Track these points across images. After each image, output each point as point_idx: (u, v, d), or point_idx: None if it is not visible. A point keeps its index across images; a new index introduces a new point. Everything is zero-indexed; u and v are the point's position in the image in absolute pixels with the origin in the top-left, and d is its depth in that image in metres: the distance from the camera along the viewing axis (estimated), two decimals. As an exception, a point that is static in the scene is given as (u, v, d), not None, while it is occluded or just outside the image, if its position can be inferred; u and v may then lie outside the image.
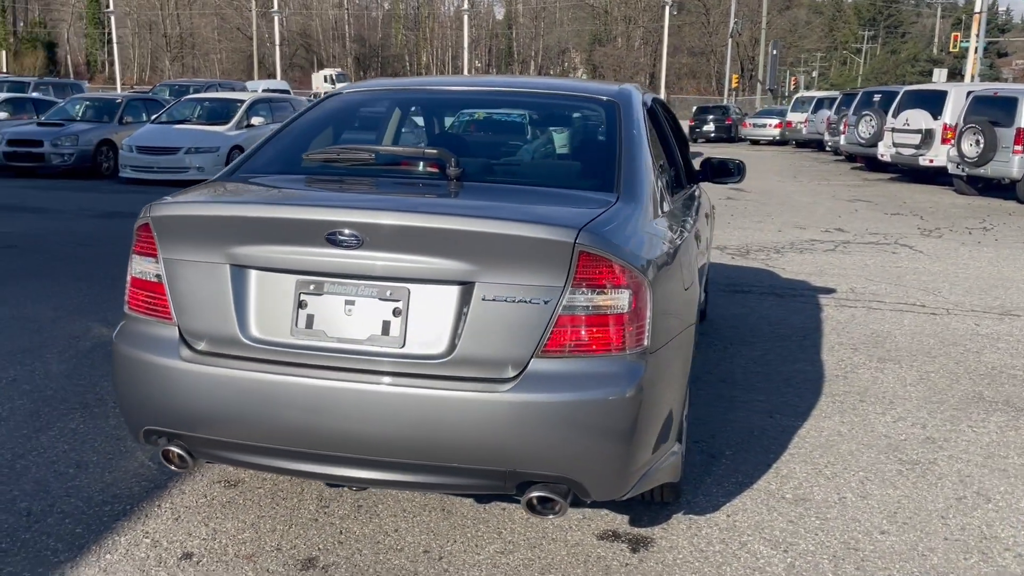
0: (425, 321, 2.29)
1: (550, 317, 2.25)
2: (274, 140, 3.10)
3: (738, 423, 3.86)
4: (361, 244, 2.28)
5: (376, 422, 2.27)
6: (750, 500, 3.13)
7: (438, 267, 2.27)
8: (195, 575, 2.55)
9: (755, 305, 6.19)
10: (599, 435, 2.26)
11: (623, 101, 3.20)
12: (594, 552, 2.75)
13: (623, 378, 2.28)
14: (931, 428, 3.88)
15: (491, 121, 3.42)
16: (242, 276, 2.39)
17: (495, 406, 2.23)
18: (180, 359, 2.41)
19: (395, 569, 2.61)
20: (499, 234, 2.22)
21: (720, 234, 9.61)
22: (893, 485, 3.28)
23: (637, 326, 2.32)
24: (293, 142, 3.08)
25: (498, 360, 2.27)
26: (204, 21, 72.20)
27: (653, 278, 2.41)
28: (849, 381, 4.51)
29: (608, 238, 2.28)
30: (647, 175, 2.86)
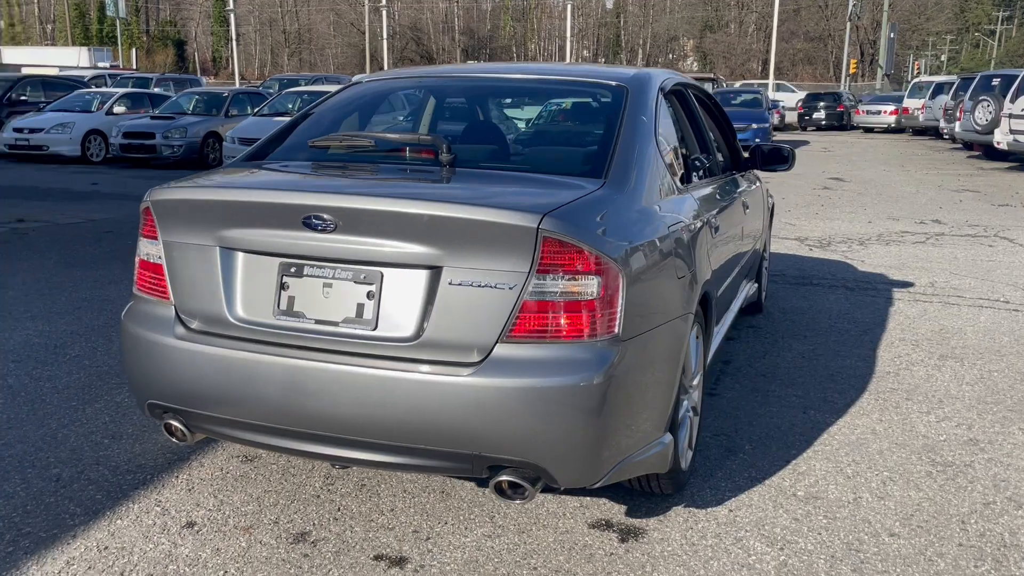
0: (396, 304, 2.34)
1: (515, 302, 2.26)
2: (289, 127, 3.21)
3: (767, 418, 3.76)
4: (336, 228, 2.34)
5: (347, 402, 2.34)
6: (758, 496, 3.05)
7: (408, 251, 2.31)
8: (193, 543, 2.68)
9: (820, 298, 5.97)
10: (563, 421, 2.25)
11: (634, 86, 3.15)
12: (581, 540, 2.74)
13: (590, 365, 2.26)
14: (977, 429, 3.67)
15: (495, 107, 3.42)
16: (230, 258, 2.50)
17: (459, 389, 2.25)
18: (174, 337, 2.54)
19: (381, 547, 2.68)
20: (464, 219, 2.24)
21: (804, 225, 9.31)
22: (917, 487, 3.13)
23: (607, 313, 2.30)
24: (306, 129, 3.18)
25: (464, 344, 2.29)
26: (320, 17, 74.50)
27: (630, 265, 2.38)
28: (900, 378, 4.31)
29: (575, 223, 2.26)
30: (645, 161, 2.81)
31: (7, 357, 4.38)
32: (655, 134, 3.00)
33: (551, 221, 2.22)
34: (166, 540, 2.70)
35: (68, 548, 2.64)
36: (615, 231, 2.40)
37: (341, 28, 72.56)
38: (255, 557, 2.61)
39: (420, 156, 2.79)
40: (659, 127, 3.10)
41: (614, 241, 2.36)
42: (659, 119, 3.13)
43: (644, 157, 2.82)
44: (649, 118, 3.01)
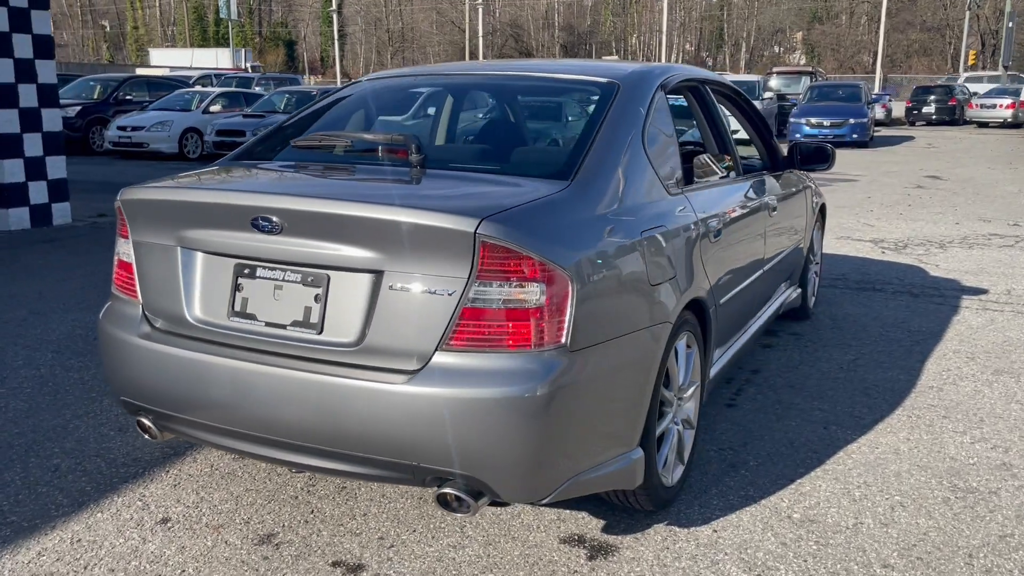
0: (341, 309, 2.30)
1: (454, 309, 2.18)
2: (280, 127, 3.21)
3: (782, 432, 3.56)
4: (282, 230, 2.31)
5: (291, 408, 2.31)
6: (749, 516, 2.88)
7: (351, 255, 2.26)
8: (162, 539, 2.72)
9: (878, 305, 5.64)
10: (503, 434, 2.17)
11: (627, 84, 3.02)
12: (548, 555, 2.64)
13: (533, 375, 2.17)
14: (1015, 453, 3.38)
15: (480, 106, 3.34)
16: (191, 259, 2.51)
17: (395, 398, 2.19)
18: (139, 336, 2.57)
19: (342, 553, 2.65)
20: (403, 222, 2.18)
21: (884, 226, 8.86)
22: (929, 514, 2.90)
23: (554, 322, 2.20)
24: (296, 128, 3.17)
25: (404, 351, 2.23)
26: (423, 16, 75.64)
27: (583, 272, 2.27)
28: (942, 394, 4.02)
29: (518, 228, 2.17)
30: (622, 162, 2.69)
31: (48, 347, 4.57)
32: (643, 133, 2.87)
33: (490, 225, 2.14)
34: (137, 535, 2.74)
35: (44, 538, 2.71)
36: (568, 236, 2.29)
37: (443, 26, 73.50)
38: (216, 557, 2.62)
39: (392, 156, 2.74)
40: (651, 126, 2.96)
41: (565, 246, 2.25)
42: (652, 118, 2.99)
43: (622, 158, 2.70)
44: (636, 117, 2.88)
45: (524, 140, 3.02)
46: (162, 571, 2.54)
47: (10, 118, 7.41)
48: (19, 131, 7.49)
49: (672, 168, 3.06)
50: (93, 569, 2.55)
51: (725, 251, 3.26)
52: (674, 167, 3.07)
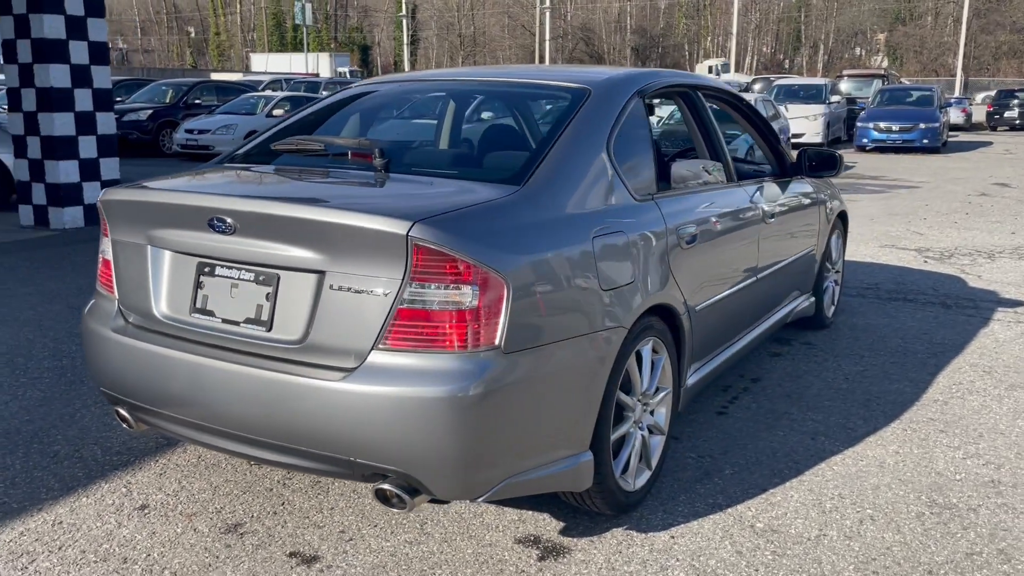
0: (289, 307, 2.39)
1: (389, 309, 2.24)
2: (268, 130, 3.33)
3: (767, 442, 3.52)
4: (235, 230, 2.41)
5: (242, 402, 2.41)
6: (710, 524, 2.87)
7: (297, 255, 2.35)
8: (138, 525, 2.85)
9: (905, 315, 5.50)
10: (434, 432, 2.22)
11: (599, 90, 3.04)
12: (500, 555, 2.68)
13: (464, 376, 2.22)
14: (1006, 471, 3.28)
15: (450, 112, 3.38)
16: (159, 257, 2.63)
17: (332, 395, 2.27)
18: (112, 330, 2.71)
19: (301, 544, 2.73)
20: (341, 224, 2.26)
21: (934, 235, 8.61)
22: (897, 529, 2.84)
23: (487, 324, 2.25)
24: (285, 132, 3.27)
25: (342, 349, 2.30)
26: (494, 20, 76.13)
27: (521, 275, 2.31)
28: (946, 408, 3.91)
29: (451, 231, 2.22)
30: (580, 168, 2.72)
31: (74, 340, 4.80)
32: (609, 139, 2.88)
33: (422, 228, 2.19)
34: (114, 520, 2.88)
35: (29, 520, 2.87)
36: (508, 239, 2.33)
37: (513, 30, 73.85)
38: (182, 543, 2.73)
39: (360, 160, 2.82)
40: (620, 132, 2.97)
41: (502, 250, 2.29)
42: (623, 124, 3.00)
43: (580, 163, 2.72)
44: (603, 122, 2.89)
45: (488, 145, 3.07)
46: (129, 554, 2.67)
47: (66, 121, 7.78)
48: (74, 134, 7.85)
49: (643, 174, 3.06)
50: (66, 550, 2.69)
51: (704, 257, 3.24)
52: (646, 173, 3.07)
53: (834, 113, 21.35)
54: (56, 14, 7.59)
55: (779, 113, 15.03)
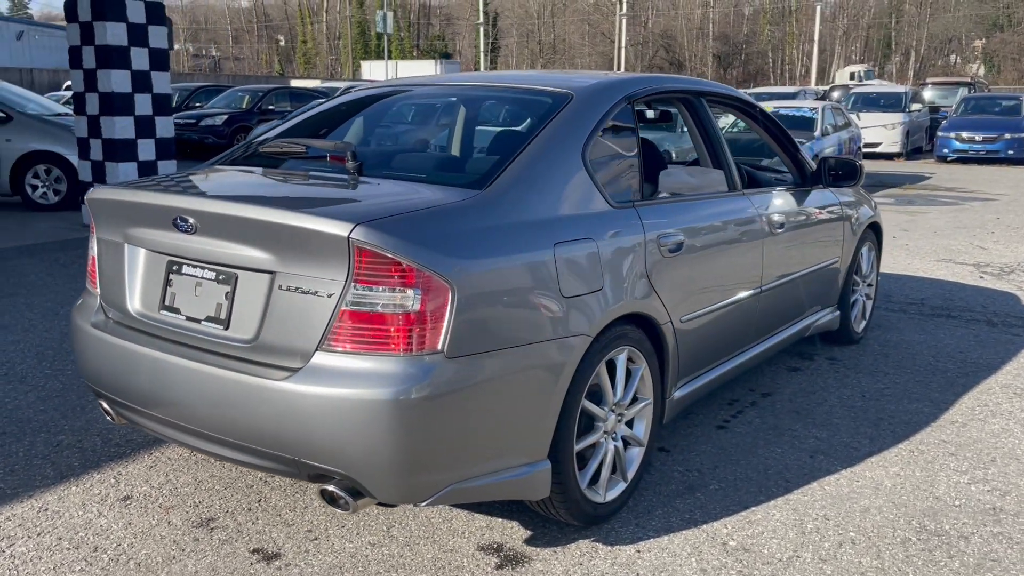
0: (245, 307, 2.43)
1: (333, 311, 2.26)
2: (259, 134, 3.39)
3: (761, 458, 3.41)
4: (196, 230, 2.47)
5: (200, 399, 2.46)
6: (681, 540, 2.79)
7: (252, 255, 2.39)
8: (118, 515, 2.93)
9: (945, 333, 5.26)
10: (372, 435, 2.22)
11: (582, 95, 3.00)
12: (458, 561, 2.67)
13: (404, 379, 2.21)
14: (1012, 498, 3.10)
15: (434, 116, 3.36)
16: (135, 255, 2.71)
17: (276, 394, 2.29)
18: (91, 326, 2.80)
19: (266, 542, 2.77)
20: (287, 225, 2.28)
21: (999, 249, 8.23)
22: (877, 554, 2.72)
23: (430, 328, 2.24)
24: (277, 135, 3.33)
25: (290, 349, 2.33)
26: (573, 28, 76.10)
27: (469, 280, 2.29)
28: (963, 430, 3.73)
29: (394, 234, 2.22)
30: (548, 174, 2.69)
31: (106, 335, 4.97)
32: (585, 145, 2.84)
33: (363, 231, 2.20)
34: (96, 510, 2.97)
35: (18, 506, 2.98)
36: (458, 244, 2.32)
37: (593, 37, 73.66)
38: (153, 535, 2.80)
39: (336, 163, 2.85)
40: (600, 138, 2.93)
41: (449, 254, 2.28)
42: (604, 130, 2.96)
43: (548, 169, 2.69)
44: (580, 129, 2.86)
45: (461, 150, 3.06)
46: (100, 543, 2.75)
47: (126, 125, 8.09)
48: (134, 136, 8.16)
49: (624, 181, 3.01)
50: (44, 536, 2.79)
51: (691, 267, 3.16)
52: (627, 180, 3.02)
53: (915, 122, 20.62)
54: (118, 22, 7.91)
55: (850, 122, 14.57)
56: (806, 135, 12.78)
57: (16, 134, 9.39)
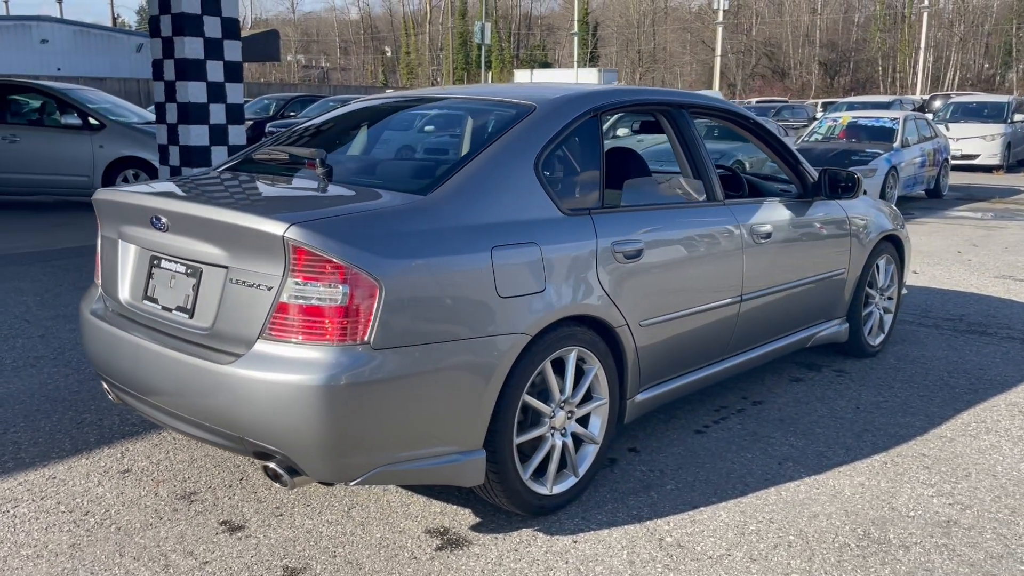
0: (206, 298, 2.69)
1: (272, 303, 2.49)
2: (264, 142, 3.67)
3: (729, 463, 3.47)
4: (169, 228, 2.75)
5: (166, 380, 2.73)
6: (621, 534, 2.91)
7: (211, 251, 2.65)
8: (114, 485, 3.25)
9: (971, 349, 5.15)
10: (301, 416, 2.43)
11: (545, 107, 3.15)
12: (401, 541, 2.86)
13: (330, 367, 2.42)
14: (972, 513, 3.08)
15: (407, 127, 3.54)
16: (127, 250, 3.02)
17: (222, 377, 2.54)
18: (91, 313, 3.12)
19: (236, 515, 3.02)
20: (234, 224, 2.53)
21: (1067, 266, 7.88)
22: (809, 558, 2.77)
23: (358, 321, 2.44)
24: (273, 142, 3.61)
25: (237, 337, 2.57)
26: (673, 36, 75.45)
27: (398, 278, 2.48)
28: (949, 445, 3.69)
29: (324, 234, 2.43)
30: (497, 181, 2.85)
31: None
32: (540, 155, 2.99)
33: (297, 230, 2.42)
34: (96, 480, 3.29)
35: (30, 473, 3.33)
36: (388, 244, 2.51)
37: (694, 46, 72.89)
38: (138, 504, 3.10)
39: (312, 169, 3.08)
40: (558, 148, 3.08)
41: (380, 254, 2.47)
42: (563, 141, 3.11)
43: (495, 177, 2.85)
44: (536, 139, 3.01)
45: (420, 158, 3.24)
46: (91, 509, 3.06)
47: (201, 133, 8.63)
48: (208, 144, 8.69)
49: (581, 190, 3.15)
50: (46, 500, 3.12)
51: (653, 274, 3.26)
52: (585, 189, 3.16)
53: (1018, 134, 19.69)
54: (196, 37, 8.46)
55: (936, 133, 14.07)
56: (884, 146, 12.47)
57: (108, 141, 10.12)
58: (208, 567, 2.69)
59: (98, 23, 44.36)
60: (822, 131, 13.59)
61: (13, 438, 3.64)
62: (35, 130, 10.23)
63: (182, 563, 2.71)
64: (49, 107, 10.55)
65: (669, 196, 3.52)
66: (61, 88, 10.71)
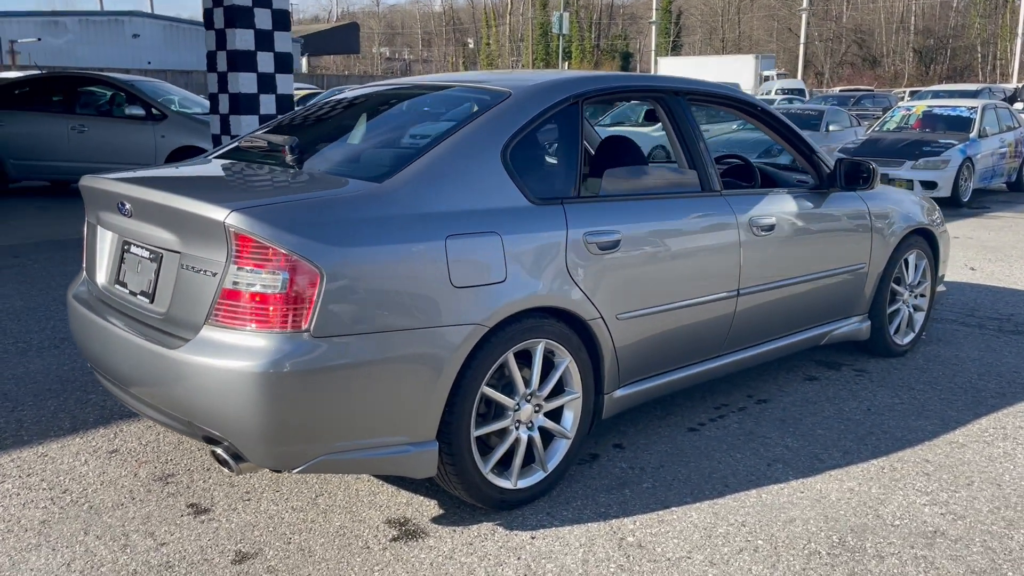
0: (165, 283, 2.72)
1: (216, 289, 2.50)
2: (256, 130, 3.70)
3: (715, 463, 3.35)
4: (133, 214, 2.79)
5: (127, 363, 2.78)
6: (582, 532, 2.83)
7: (166, 237, 2.68)
8: (99, 465, 3.33)
9: (1010, 351, 4.85)
10: (241, 403, 2.43)
11: (520, 94, 3.08)
12: (358, 531, 2.85)
13: (269, 354, 2.41)
14: (963, 524, 2.90)
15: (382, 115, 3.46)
16: (104, 235, 3.08)
17: (170, 362, 2.57)
18: (73, 297, 3.20)
19: (205, 498, 3.06)
20: (181, 210, 2.55)
21: None
22: (773, 565, 2.65)
23: (297, 308, 2.43)
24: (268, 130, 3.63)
25: (187, 322, 2.60)
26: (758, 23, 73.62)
27: (344, 266, 2.46)
28: (959, 451, 3.48)
29: (265, 221, 2.42)
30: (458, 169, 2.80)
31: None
32: (509, 143, 2.93)
33: (237, 216, 2.42)
34: (84, 459, 3.38)
35: (25, 450, 3.45)
36: (333, 232, 2.49)
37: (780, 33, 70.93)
38: (115, 483, 3.17)
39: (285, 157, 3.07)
40: (528, 137, 3.01)
41: (323, 241, 2.45)
42: (536, 129, 3.03)
43: (455, 165, 2.80)
44: (506, 127, 2.94)
45: (385, 146, 3.19)
46: (71, 487, 3.14)
47: (251, 123, 8.80)
48: (257, 134, 8.87)
49: (555, 179, 3.07)
50: (32, 477, 3.22)
51: (634, 266, 3.15)
52: (558, 178, 3.08)
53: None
54: (247, 28, 8.63)
55: (1020, 123, 13.33)
56: (959, 136, 11.88)
57: (170, 130, 10.44)
58: (164, 548, 2.73)
59: (192, 19, 45.77)
60: (895, 121, 13.03)
61: (19, 416, 3.78)
62: (102, 120, 10.63)
63: (140, 543, 2.76)
64: (117, 99, 10.94)
65: (657, 186, 3.40)
66: (127, 80, 11.10)
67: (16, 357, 4.57)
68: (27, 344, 4.78)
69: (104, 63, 33.18)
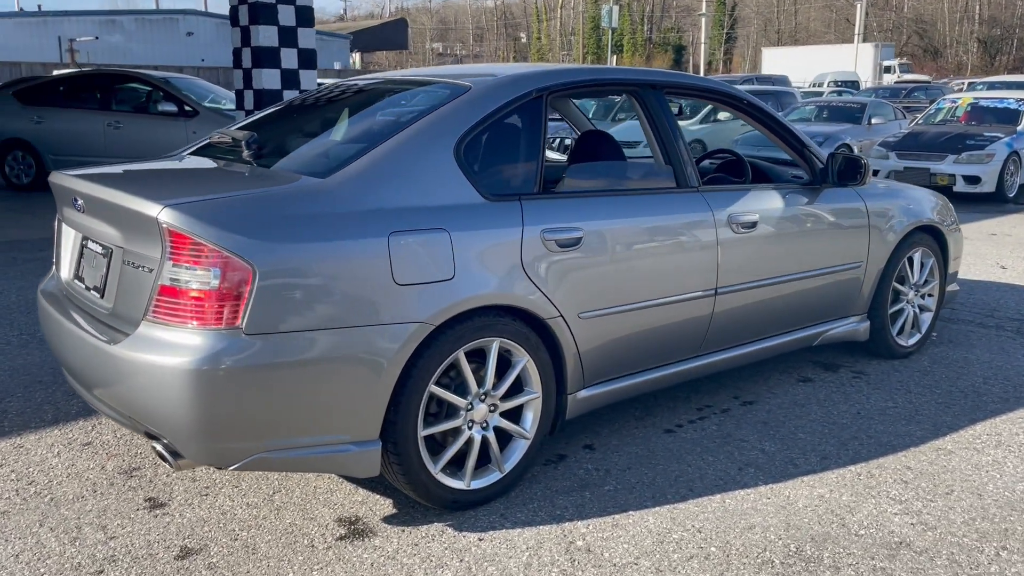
0: (113, 278, 2.73)
1: (153, 285, 2.50)
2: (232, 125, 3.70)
3: (684, 466, 3.26)
4: (85, 210, 2.81)
5: (80, 358, 2.80)
6: (531, 535, 2.78)
7: (112, 233, 2.69)
8: (69, 457, 3.37)
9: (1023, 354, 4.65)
10: (173, 400, 2.42)
11: (480, 87, 3.03)
12: (307, 528, 2.83)
13: (199, 351, 2.41)
14: (933, 535, 2.77)
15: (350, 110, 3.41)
16: (68, 232, 3.11)
17: (109, 357, 2.58)
18: (40, 292, 3.24)
19: (166, 493, 3.07)
20: (119, 205, 2.56)
21: None
22: (722, 573, 2.56)
23: (230, 305, 2.42)
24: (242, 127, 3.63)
25: (128, 318, 2.61)
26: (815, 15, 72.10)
27: (277, 263, 2.44)
28: (945, 459, 3.33)
29: (196, 217, 2.41)
30: (405, 164, 2.76)
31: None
32: (462, 138, 2.87)
33: (170, 212, 2.42)
34: (57, 451, 3.43)
35: (3, 439, 3.51)
36: (266, 228, 2.46)
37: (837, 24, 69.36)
38: (82, 477, 3.20)
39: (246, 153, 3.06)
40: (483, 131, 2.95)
41: (254, 237, 2.43)
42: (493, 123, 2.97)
43: (402, 160, 2.76)
44: (460, 121, 2.89)
45: (335, 141, 3.14)
46: (37, 478, 3.19)
47: (274, 119, 8.90)
48: (281, 130, 8.95)
49: (512, 175, 3.01)
50: (2, 467, 3.28)
51: (597, 264, 3.08)
52: (515, 173, 3.01)
53: None
54: (270, 25, 8.70)
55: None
56: (1006, 129, 11.46)
57: (201, 126, 10.60)
58: (112, 542, 2.75)
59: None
60: (940, 114, 12.61)
61: (4, 407, 3.85)
62: (136, 117, 10.85)
63: (91, 536, 2.78)
64: (153, 95, 11.15)
65: (627, 182, 3.31)
66: (161, 77, 11.29)
67: (17, 349, 4.66)
68: (30, 336, 4.88)
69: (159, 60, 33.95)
